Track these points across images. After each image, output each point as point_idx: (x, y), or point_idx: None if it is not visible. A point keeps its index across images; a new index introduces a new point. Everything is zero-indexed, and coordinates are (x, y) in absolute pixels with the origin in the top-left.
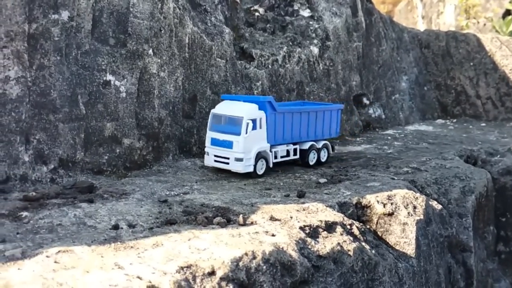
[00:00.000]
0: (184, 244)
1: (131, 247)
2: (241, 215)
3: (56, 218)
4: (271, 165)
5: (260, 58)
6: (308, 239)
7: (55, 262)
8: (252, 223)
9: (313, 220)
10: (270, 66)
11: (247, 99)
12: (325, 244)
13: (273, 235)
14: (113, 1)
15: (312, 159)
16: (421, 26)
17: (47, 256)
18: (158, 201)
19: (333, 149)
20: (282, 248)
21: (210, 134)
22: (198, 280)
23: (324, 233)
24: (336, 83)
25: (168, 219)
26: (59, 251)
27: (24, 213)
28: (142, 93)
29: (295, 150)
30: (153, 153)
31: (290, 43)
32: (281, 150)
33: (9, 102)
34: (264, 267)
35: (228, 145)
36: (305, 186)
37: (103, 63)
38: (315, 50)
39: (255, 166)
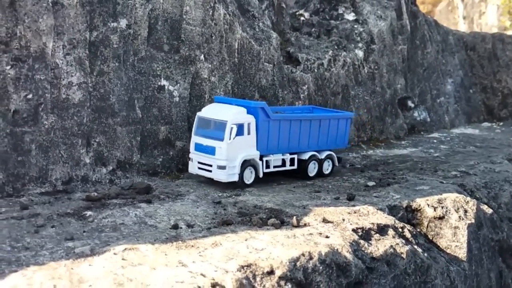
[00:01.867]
0: (242, 244)
1: (192, 246)
2: (294, 217)
3: (118, 217)
4: (260, 175)
5: (306, 62)
6: (361, 241)
7: (123, 259)
8: (305, 225)
9: (365, 223)
10: (315, 70)
11: (239, 103)
12: (378, 247)
13: (327, 237)
14: (167, 8)
15: (312, 170)
16: (462, 27)
17: (114, 253)
18: (213, 202)
19: (339, 161)
20: (337, 249)
21: (194, 139)
22: (258, 279)
23: (376, 236)
24: (381, 86)
25: (224, 219)
26: (125, 249)
27: (88, 213)
28: (194, 97)
29: (292, 160)
30: None
31: (335, 47)
32: (275, 159)
33: (71, 107)
34: (321, 267)
35: (211, 151)
36: (354, 189)
37: (158, 68)
38: (360, 53)
39: (241, 175)
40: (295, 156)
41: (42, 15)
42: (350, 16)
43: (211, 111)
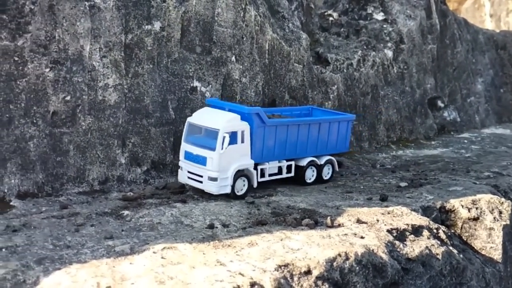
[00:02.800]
0: (277, 244)
1: (228, 245)
2: (328, 217)
3: (155, 217)
4: (255, 185)
5: (335, 63)
6: (396, 242)
7: (162, 257)
8: (339, 225)
9: (399, 224)
10: (345, 70)
11: (233, 107)
12: (413, 247)
13: (362, 237)
14: (199, 11)
15: (310, 177)
16: (489, 25)
17: (154, 252)
18: (246, 203)
19: (340, 166)
20: (373, 250)
21: (184, 147)
22: (295, 279)
23: (411, 237)
24: (410, 86)
25: (259, 220)
26: (164, 248)
27: (126, 212)
28: (225, 98)
29: (289, 167)
30: None
31: (365, 47)
32: (271, 167)
33: (108, 108)
34: (357, 268)
35: (202, 161)
36: (386, 190)
37: (190, 70)
38: (389, 53)
39: (233, 186)
40: (292, 163)
41: (79, 18)
42: (379, 16)
43: (202, 117)
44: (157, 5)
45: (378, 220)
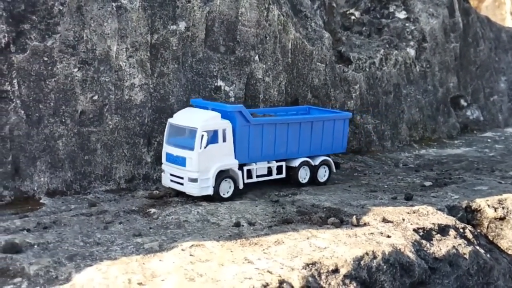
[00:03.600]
0: (304, 242)
1: (255, 243)
2: (354, 216)
3: (181, 215)
4: (240, 186)
5: (357, 61)
6: (423, 242)
7: (191, 255)
8: (365, 224)
9: (425, 223)
10: (367, 69)
11: (216, 107)
12: (440, 247)
13: (388, 236)
14: (223, 10)
15: (303, 178)
16: (510, 23)
17: (182, 250)
18: (271, 201)
19: (337, 167)
20: (400, 249)
21: (165, 148)
22: (323, 277)
23: (438, 236)
24: (433, 85)
25: (285, 218)
26: (192, 245)
27: (152, 210)
28: (248, 97)
29: (279, 167)
30: None
31: (387, 46)
32: (259, 168)
33: (134, 107)
34: (385, 267)
35: (182, 162)
36: (411, 189)
37: (214, 69)
38: (412, 52)
39: (217, 188)
40: (283, 164)
41: (107, 19)
42: (401, 15)
43: (182, 117)
44: (182, 5)
45: (404, 219)
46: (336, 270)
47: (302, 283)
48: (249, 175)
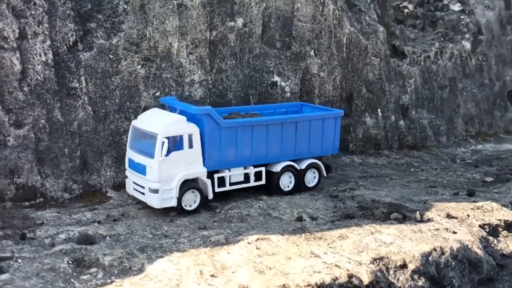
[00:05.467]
0: (368, 237)
1: (319, 238)
2: (417, 212)
3: (243, 209)
4: (210, 197)
5: (412, 55)
6: (490, 238)
7: (257, 248)
8: (428, 220)
9: (491, 219)
10: (422, 63)
11: (183, 108)
12: (507, 243)
13: (454, 232)
14: (279, 6)
15: (287, 184)
16: None
17: (248, 243)
18: (330, 196)
19: (329, 170)
20: (467, 245)
21: (128, 153)
22: (391, 272)
23: (504, 232)
24: (489, 79)
25: (346, 213)
26: (258, 239)
27: (215, 204)
28: (304, 92)
29: (258, 173)
30: None
31: (442, 39)
32: (234, 174)
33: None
34: (453, 263)
35: (142, 170)
36: (472, 185)
37: (271, 65)
38: (467, 45)
39: (179, 199)
40: (263, 169)
41: (168, 17)
42: (456, 7)
43: (145, 120)
44: (240, 2)
45: (468, 216)
46: (404, 266)
47: (371, 277)
48: (222, 183)
